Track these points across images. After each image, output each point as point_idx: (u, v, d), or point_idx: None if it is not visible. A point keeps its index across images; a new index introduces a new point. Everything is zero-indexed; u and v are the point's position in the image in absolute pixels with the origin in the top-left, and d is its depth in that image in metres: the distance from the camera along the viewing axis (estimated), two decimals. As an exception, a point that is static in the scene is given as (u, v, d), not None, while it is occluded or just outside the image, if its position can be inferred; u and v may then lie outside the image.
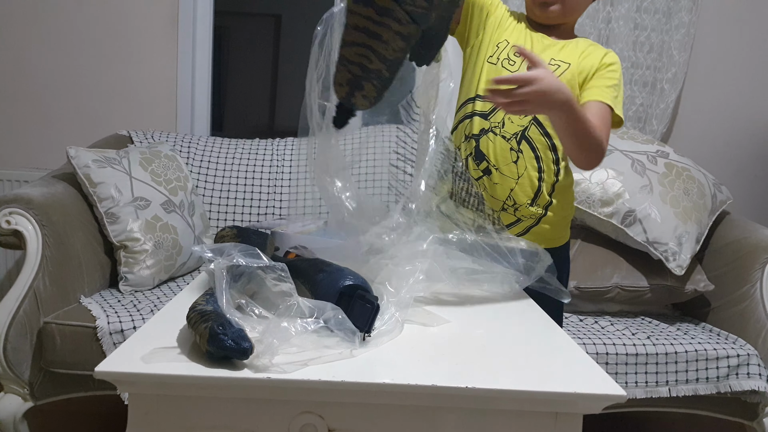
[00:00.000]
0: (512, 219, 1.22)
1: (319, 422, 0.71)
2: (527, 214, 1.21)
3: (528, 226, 1.23)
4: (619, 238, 1.90)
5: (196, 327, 0.72)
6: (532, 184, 1.20)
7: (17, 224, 1.50)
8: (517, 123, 1.18)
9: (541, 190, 1.20)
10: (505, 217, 1.22)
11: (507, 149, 1.19)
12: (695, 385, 1.64)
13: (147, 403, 0.70)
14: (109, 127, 2.30)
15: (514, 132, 1.18)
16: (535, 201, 1.21)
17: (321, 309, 0.78)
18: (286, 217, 2.14)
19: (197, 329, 0.71)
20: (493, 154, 1.20)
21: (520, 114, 1.14)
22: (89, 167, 1.67)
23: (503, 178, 1.20)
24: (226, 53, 2.70)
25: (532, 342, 0.88)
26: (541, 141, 1.19)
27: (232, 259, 0.80)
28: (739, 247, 1.88)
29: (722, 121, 2.52)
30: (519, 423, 0.73)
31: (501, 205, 1.22)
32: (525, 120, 1.18)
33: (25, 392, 1.48)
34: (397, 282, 0.91)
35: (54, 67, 2.31)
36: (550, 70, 1.03)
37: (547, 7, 1.20)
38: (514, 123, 1.18)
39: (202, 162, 2.16)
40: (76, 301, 1.57)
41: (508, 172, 1.19)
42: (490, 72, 1.20)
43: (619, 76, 1.17)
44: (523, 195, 1.20)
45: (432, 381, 0.69)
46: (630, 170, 1.89)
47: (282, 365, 0.69)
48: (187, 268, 1.87)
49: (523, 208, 1.21)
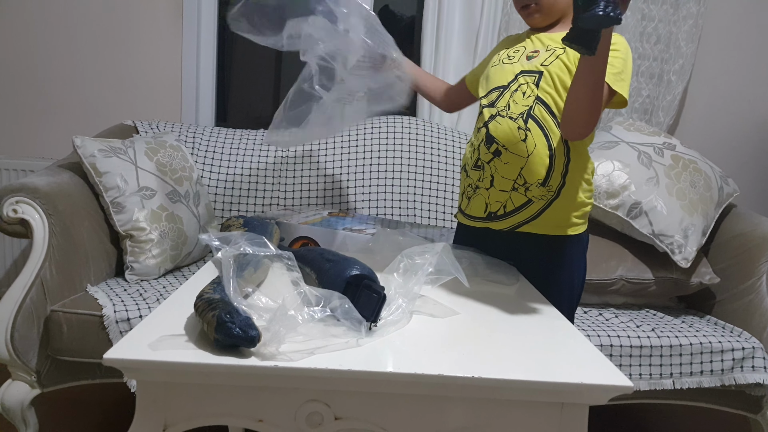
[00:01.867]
0: (523, 200, 1.22)
1: (325, 410, 0.71)
2: (538, 195, 1.21)
3: (540, 208, 1.22)
4: (625, 231, 1.90)
5: (204, 315, 0.72)
6: (543, 162, 1.19)
7: (24, 213, 1.50)
8: (522, 103, 1.20)
9: (552, 169, 1.20)
10: (516, 197, 1.22)
11: (515, 128, 1.20)
12: (699, 378, 1.64)
13: (154, 391, 0.70)
14: (114, 117, 2.30)
15: (520, 112, 1.20)
16: (546, 181, 1.20)
17: (328, 298, 0.78)
18: (291, 207, 2.14)
19: (205, 317, 0.71)
20: (503, 135, 1.22)
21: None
22: (95, 157, 1.68)
23: (513, 157, 1.21)
24: (230, 43, 2.69)
25: (539, 333, 0.88)
26: (547, 119, 1.19)
27: (239, 248, 0.81)
28: (746, 240, 1.87)
29: (729, 114, 2.51)
30: (525, 413, 0.73)
31: (512, 184, 1.22)
32: (529, 100, 1.20)
33: (32, 380, 1.49)
34: (406, 273, 0.91)
35: (59, 57, 2.31)
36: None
37: (530, 14, 1.27)
38: (519, 104, 1.20)
39: (207, 152, 2.16)
40: (83, 290, 1.58)
41: (517, 150, 1.20)
42: (495, 72, 1.29)
43: (622, 56, 1.16)
44: (533, 174, 1.20)
45: (439, 370, 0.69)
46: (636, 162, 1.89)
47: (289, 353, 0.69)
48: (192, 258, 1.87)
49: (533, 187, 1.21)
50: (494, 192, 1.24)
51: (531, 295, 1.07)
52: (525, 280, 1.18)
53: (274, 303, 0.79)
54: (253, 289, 0.88)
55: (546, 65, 1.20)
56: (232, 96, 2.90)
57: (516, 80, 1.23)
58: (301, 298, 0.78)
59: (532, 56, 1.24)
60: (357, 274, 0.84)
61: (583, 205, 1.26)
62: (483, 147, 1.25)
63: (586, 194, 1.27)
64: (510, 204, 1.23)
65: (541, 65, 1.21)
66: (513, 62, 1.26)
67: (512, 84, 1.23)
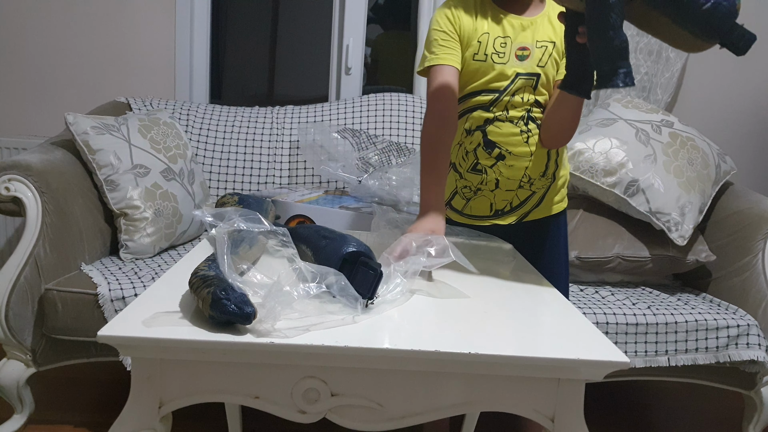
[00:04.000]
0: (528, 193, 1.28)
1: (321, 387, 0.71)
2: (540, 186, 1.28)
3: (541, 196, 1.29)
4: (622, 208, 1.89)
5: (199, 292, 0.71)
6: (544, 156, 1.25)
7: (16, 191, 1.48)
8: (521, 107, 1.22)
9: (550, 159, 1.26)
10: (521, 193, 1.28)
11: (517, 132, 1.22)
12: (694, 355, 1.65)
13: (149, 368, 0.70)
14: (107, 94, 2.27)
15: (520, 115, 1.22)
16: (546, 172, 1.27)
17: (323, 274, 0.77)
18: (287, 186, 2.13)
19: (200, 294, 0.71)
20: (503, 140, 1.23)
21: None
22: (88, 134, 1.65)
23: (517, 159, 1.24)
24: (224, 19, 2.65)
25: (536, 310, 0.88)
26: (542, 117, 1.24)
27: (234, 224, 0.80)
28: (742, 218, 1.87)
29: (727, 91, 2.49)
30: (522, 389, 0.73)
31: (518, 183, 1.26)
32: (528, 102, 1.21)
33: (27, 358, 1.49)
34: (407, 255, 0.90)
35: (51, 34, 2.28)
36: None
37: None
38: (518, 107, 1.22)
39: (201, 130, 2.13)
40: (77, 269, 1.57)
41: (521, 152, 1.23)
42: (481, 68, 1.20)
43: None
44: (536, 170, 1.25)
45: (435, 346, 0.69)
46: (634, 139, 1.87)
47: (284, 330, 0.68)
48: (188, 236, 1.86)
49: (536, 181, 1.27)
50: (500, 193, 1.28)
51: (527, 273, 1.07)
52: (522, 258, 1.17)
53: (269, 279, 0.79)
54: (248, 266, 0.88)
55: (542, 66, 1.19)
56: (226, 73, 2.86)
57: (513, 83, 1.19)
58: (296, 274, 0.77)
59: (524, 56, 1.19)
60: (353, 251, 0.83)
61: (566, 181, 1.35)
62: (482, 151, 1.24)
63: (567, 170, 1.35)
64: (516, 200, 1.28)
65: (538, 66, 1.19)
66: (504, 61, 1.19)
67: (510, 87, 1.20)
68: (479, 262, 1.09)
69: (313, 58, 2.76)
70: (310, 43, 2.76)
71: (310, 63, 2.80)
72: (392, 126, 2.18)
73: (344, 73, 2.39)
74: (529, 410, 0.74)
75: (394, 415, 0.72)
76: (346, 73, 2.39)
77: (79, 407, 1.75)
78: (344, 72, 2.39)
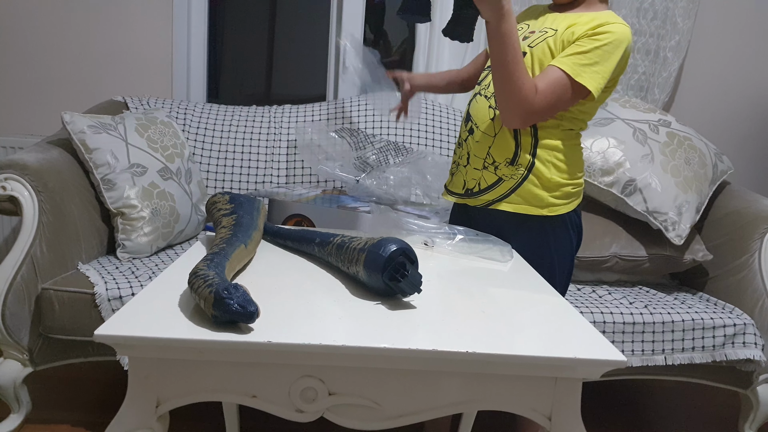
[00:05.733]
0: (494, 178, 1.24)
1: (319, 386, 0.71)
2: (508, 174, 1.23)
3: (512, 186, 1.23)
4: (619, 208, 1.89)
5: (200, 291, 0.71)
6: (508, 140, 1.21)
7: (13, 190, 1.48)
8: None
9: (519, 148, 1.21)
10: (487, 175, 1.25)
11: (486, 107, 1.24)
12: (691, 354, 1.65)
13: (146, 367, 0.70)
14: (104, 93, 2.27)
15: (493, 92, 1.20)
16: (515, 160, 1.22)
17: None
18: (284, 185, 2.12)
19: (201, 294, 0.70)
20: (476, 113, 1.26)
21: None
22: (84, 133, 1.65)
23: (483, 136, 1.24)
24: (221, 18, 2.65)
25: (533, 308, 0.88)
26: None
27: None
28: (739, 218, 1.88)
29: (725, 91, 2.50)
30: (519, 387, 0.73)
31: (482, 163, 1.25)
32: None
33: (24, 358, 1.48)
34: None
35: (48, 32, 2.27)
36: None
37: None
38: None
39: (199, 129, 2.13)
40: (74, 268, 1.57)
41: (487, 129, 1.23)
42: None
43: (602, 45, 1.12)
44: (500, 152, 1.23)
45: (433, 345, 0.69)
46: (631, 139, 1.88)
47: (282, 329, 0.68)
48: (185, 236, 1.86)
49: (502, 166, 1.23)
50: (470, 170, 1.28)
51: (524, 272, 1.07)
52: (519, 257, 1.17)
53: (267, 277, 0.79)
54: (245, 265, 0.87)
55: (532, 47, 1.20)
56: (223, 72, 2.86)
57: None
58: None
59: (528, 36, 1.23)
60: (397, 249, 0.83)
61: (561, 186, 1.23)
62: (463, 124, 1.31)
63: (564, 176, 1.23)
64: (483, 182, 1.26)
65: (528, 47, 1.20)
66: (529, 43, 1.23)
67: None
68: (476, 261, 1.09)
69: (310, 58, 2.76)
70: (308, 42, 2.76)
71: (308, 62, 2.80)
72: (390, 125, 2.18)
73: (342, 72, 2.39)
74: (527, 409, 0.74)
75: (391, 414, 0.72)
76: (343, 72, 2.39)
77: (76, 407, 1.75)
78: (342, 71, 2.39)
